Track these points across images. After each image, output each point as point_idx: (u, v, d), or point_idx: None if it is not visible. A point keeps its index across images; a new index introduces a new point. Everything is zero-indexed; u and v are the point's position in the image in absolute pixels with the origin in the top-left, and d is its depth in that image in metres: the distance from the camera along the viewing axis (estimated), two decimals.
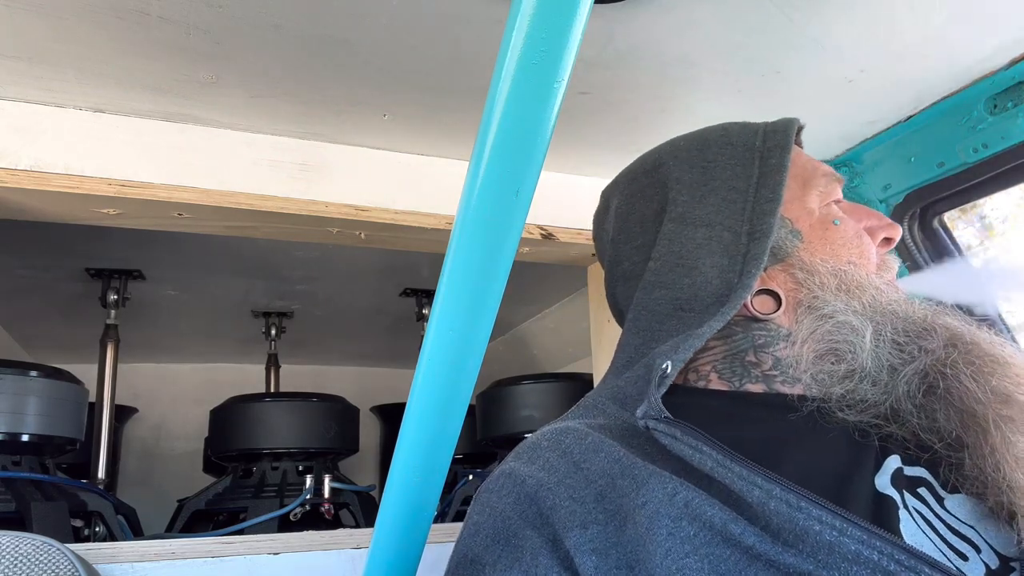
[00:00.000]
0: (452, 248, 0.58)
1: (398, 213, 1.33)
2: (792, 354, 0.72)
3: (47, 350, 2.62)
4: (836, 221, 0.79)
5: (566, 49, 0.51)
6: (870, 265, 0.77)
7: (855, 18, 0.98)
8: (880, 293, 0.73)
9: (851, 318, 0.71)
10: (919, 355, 0.68)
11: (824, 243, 0.78)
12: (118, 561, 1.01)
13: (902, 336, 0.70)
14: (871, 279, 0.75)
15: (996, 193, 1.22)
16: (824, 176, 0.82)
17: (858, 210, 0.81)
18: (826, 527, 0.51)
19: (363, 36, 0.99)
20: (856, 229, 0.79)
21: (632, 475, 0.61)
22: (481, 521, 0.66)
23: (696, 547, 0.54)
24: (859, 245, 0.78)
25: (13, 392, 1.40)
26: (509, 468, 0.69)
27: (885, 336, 0.70)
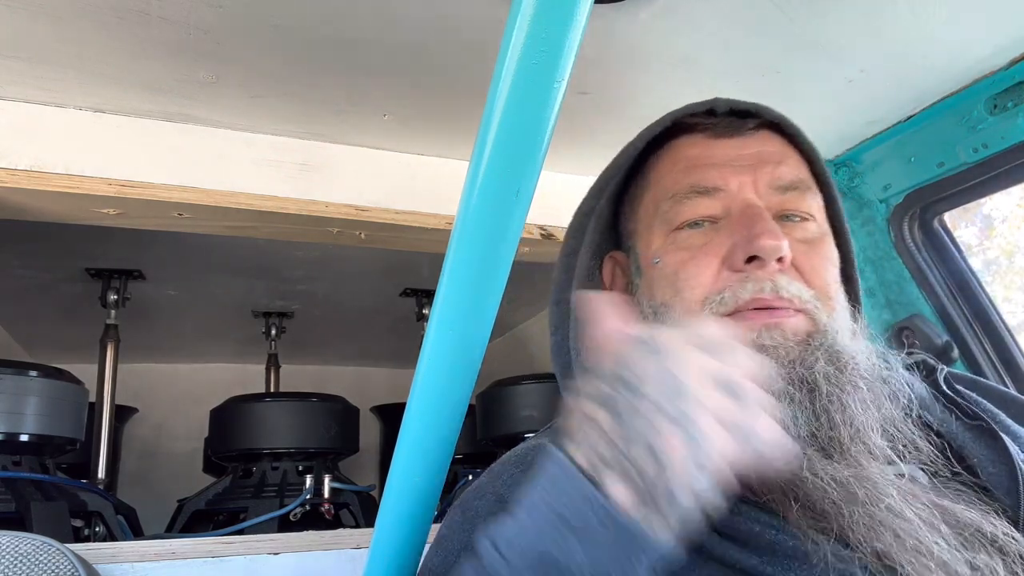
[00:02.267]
0: (452, 248, 0.58)
1: (398, 213, 1.33)
2: None
3: (47, 350, 2.62)
4: (656, 260, 0.73)
5: (566, 49, 0.51)
6: (687, 303, 0.69)
7: (855, 18, 0.98)
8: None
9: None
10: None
11: (647, 282, 0.75)
12: (118, 561, 1.01)
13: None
14: (680, 320, 0.68)
15: (996, 193, 1.22)
16: (671, 197, 0.74)
17: (736, 222, 0.70)
18: (765, 527, 0.56)
19: (363, 36, 0.99)
20: (675, 265, 0.71)
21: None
22: (444, 536, 0.72)
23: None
24: (673, 285, 0.71)
25: (13, 392, 1.40)
26: (476, 484, 0.75)
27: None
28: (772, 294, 0.67)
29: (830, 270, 0.72)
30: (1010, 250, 1.57)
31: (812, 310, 0.68)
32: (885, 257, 1.38)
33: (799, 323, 0.67)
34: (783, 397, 0.62)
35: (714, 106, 0.77)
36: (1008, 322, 1.29)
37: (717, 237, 0.71)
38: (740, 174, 0.73)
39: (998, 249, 1.58)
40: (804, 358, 0.65)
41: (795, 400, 0.62)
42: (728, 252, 0.69)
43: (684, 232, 0.72)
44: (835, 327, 0.68)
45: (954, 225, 1.34)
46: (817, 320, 0.68)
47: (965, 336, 1.29)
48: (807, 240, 0.72)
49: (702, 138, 0.77)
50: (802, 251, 0.70)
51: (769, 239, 0.66)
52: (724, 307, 0.67)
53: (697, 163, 0.74)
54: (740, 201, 0.71)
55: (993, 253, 1.59)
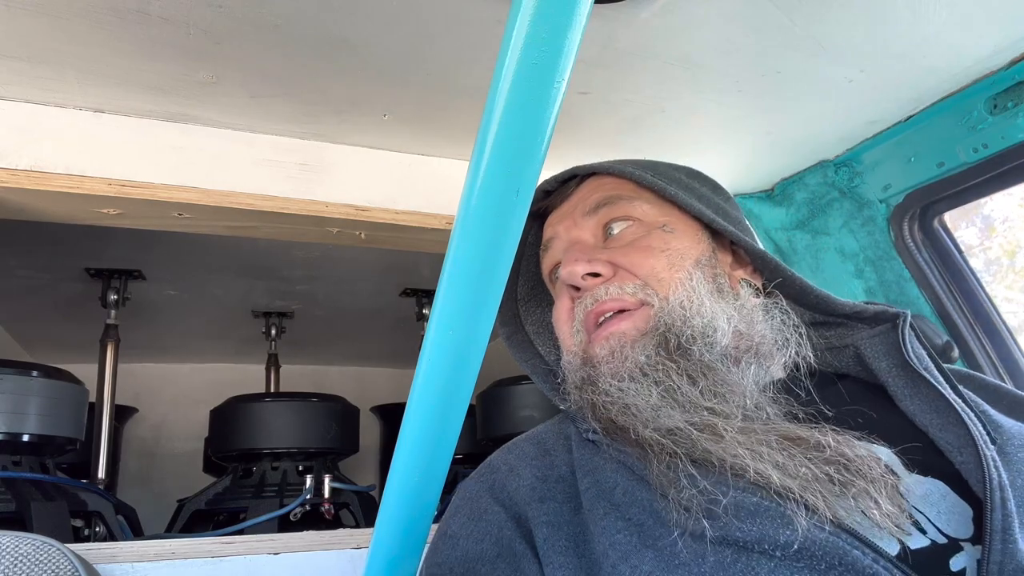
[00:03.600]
0: (452, 248, 0.58)
1: (398, 213, 1.33)
2: None
3: (47, 350, 2.62)
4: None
5: (566, 49, 0.51)
6: (565, 341, 0.82)
7: (855, 18, 0.98)
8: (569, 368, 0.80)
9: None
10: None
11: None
12: (118, 561, 1.01)
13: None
14: (567, 360, 0.81)
15: (996, 193, 1.22)
16: (543, 250, 0.89)
17: (564, 265, 0.82)
18: (732, 492, 0.60)
19: (363, 36, 0.99)
20: (554, 313, 0.85)
21: (583, 465, 0.73)
22: (460, 504, 0.78)
23: (629, 524, 0.63)
24: (559, 329, 0.84)
25: (13, 392, 1.40)
26: (490, 459, 0.83)
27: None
28: (595, 305, 0.78)
29: (655, 258, 0.79)
30: (1011, 250, 1.57)
31: (646, 298, 0.77)
32: (885, 257, 1.38)
33: (637, 319, 0.76)
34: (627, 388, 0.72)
35: (545, 187, 0.90)
36: (1008, 322, 1.29)
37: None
38: (563, 220, 0.87)
39: (999, 249, 1.57)
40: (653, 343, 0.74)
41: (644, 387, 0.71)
42: (562, 282, 0.82)
43: (555, 285, 0.87)
44: (675, 303, 0.76)
45: (954, 225, 1.34)
46: (653, 304, 0.76)
47: (965, 336, 1.29)
48: (629, 242, 0.81)
49: (551, 215, 0.91)
50: (621, 254, 0.80)
51: (568, 266, 0.79)
52: (581, 333, 0.79)
53: (545, 230, 0.90)
54: (566, 242, 0.85)
55: (994, 253, 1.59)
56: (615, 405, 0.72)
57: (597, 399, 0.73)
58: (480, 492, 0.76)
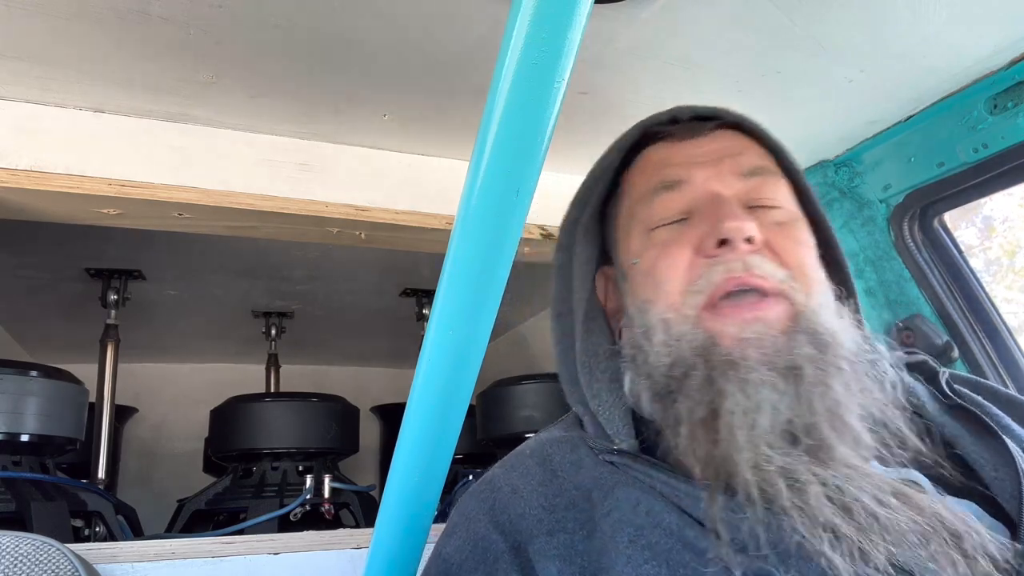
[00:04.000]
0: (452, 248, 0.58)
1: (398, 213, 1.33)
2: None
3: (47, 350, 2.62)
4: (635, 260, 0.75)
5: (566, 49, 0.51)
6: (668, 296, 0.70)
7: (855, 18, 0.98)
8: (669, 329, 0.69)
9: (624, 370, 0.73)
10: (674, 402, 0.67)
11: (631, 286, 0.76)
12: (118, 561, 1.01)
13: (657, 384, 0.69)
14: (663, 316, 0.70)
15: (996, 193, 1.22)
16: (642, 199, 0.76)
17: (704, 212, 0.72)
18: (765, 527, 0.55)
19: (363, 36, 0.99)
20: (651, 260, 0.73)
21: (601, 485, 0.66)
22: (458, 523, 0.72)
23: (656, 553, 0.58)
24: (653, 279, 0.72)
25: (13, 392, 1.40)
26: (491, 475, 0.75)
27: (641, 387, 0.70)
28: (744, 272, 0.67)
29: (804, 251, 0.72)
30: (1011, 250, 1.57)
31: (788, 290, 0.68)
32: (885, 257, 1.38)
33: (779, 311, 0.67)
34: (766, 386, 0.62)
35: (676, 114, 0.81)
36: (1008, 322, 1.29)
37: (688, 230, 0.72)
38: (703, 168, 0.75)
39: (999, 249, 1.57)
40: (790, 346, 0.65)
41: (778, 388, 0.62)
42: (699, 240, 0.70)
43: (659, 231, 0.74)
44: (814, 306, 0.68)
45: (954, 226, 1.34)
46: (795, 300, 0.68)
47: (965, 336, 1.29)
48: (778, 223, 0.73)
49: (666, 143, 0.80)
50: (774, 232, 0.71)
51: (734, 220, 0.68)
52: (701, 296, 0.68)
53: (662, 164, 0.77)
54: (705, 191, 0.73)
55: (994, 253, 1.59)
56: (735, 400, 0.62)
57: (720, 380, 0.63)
58: (479, 514, 0.70)
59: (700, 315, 0.68)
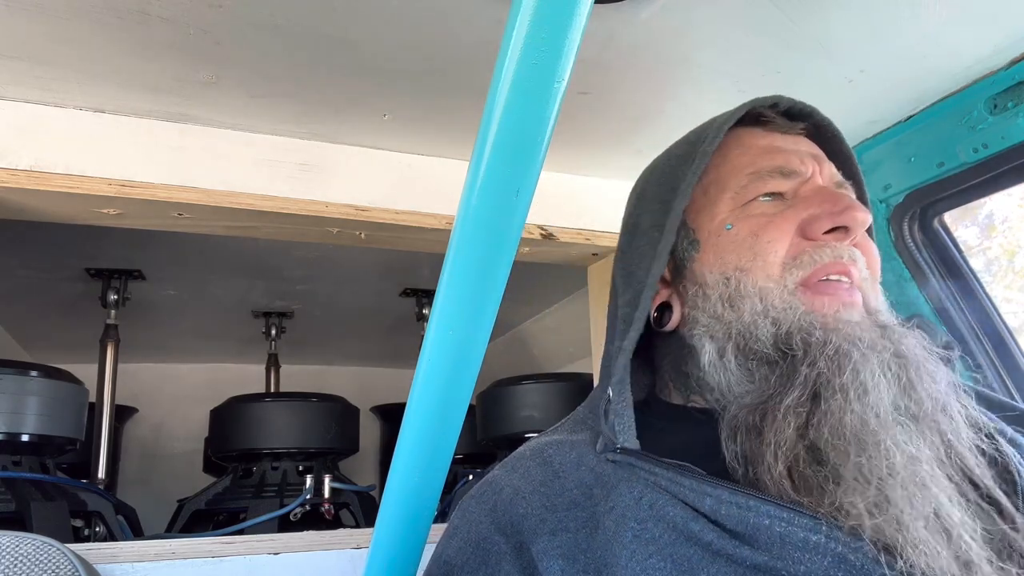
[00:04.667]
0: (452, 248, 0.58)
1: (398, 213, 1.33)
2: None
3: (47, 350, 2.62)
4: (728, 225, 0.74)
5: (566, 49, 0.51)
6: (768, 267, 0.70)
7: (855, 18, 0.98)
8: (766, 298, 0.69)
9: (697, 340, 0.73)
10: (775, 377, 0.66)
11: (715, 251, 0.75)
12: (118, 561, 1.01)
13: (754, 354, 0.69)
14: (760, 284, 0.69)
15: (996, 193, 1.22)
16: (750, 174, 0.75)
17: (811, 199, 0.73)
18: (775, 520, 0.55)
19: (363, 36, 0.99)
20: (751, 228, 0.72)
21: (603, 483, 0.66)
22: (459, 526, 0.72)
23: (660, 547, 0.57)
24: (752, 246, 0.71)
25: (13, 392, 1.40)
26: (491, 476, 0.75)
27: (728, 357, 0.70)
28: (850, 261, 0.69)
29: (877, 260, 0.75)
30: (1011, 250, 1.57)
31: (867, 289, 0.71)
32: (885, 257, 1.38)
33: (861, 303, 0.70)
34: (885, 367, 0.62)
35: (777, 101, 0.80)
36: (1008, 322, 1.29)
37: (791, 209, 0.72)
38: (810, 163, 0.76)
39: (999, 249, 1.57)
40: (888, 334, 0.66)
41: (891, 369, 0.62)
42: (805, 222, 0.71)
43: (756, 203, 0.74)
44: (884, 310, 0.71)
45: (954, 226, 1.34)
46: (869, 301, 0.70)
47: (965, 336, 1.29)
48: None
49: (761, 130, 0.80)
50: (863, 235, 0.73)
51: (859, 212, 0.69)
52: (803, 270, 0.69)
53: (773, 149, 0.77)
54: (812, 183, 0.74)
55: (994, 253, 1.59)
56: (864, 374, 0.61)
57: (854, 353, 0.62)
58: (480, 516, 0.70)
59: (799, 290, 0.69)
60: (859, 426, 0.59)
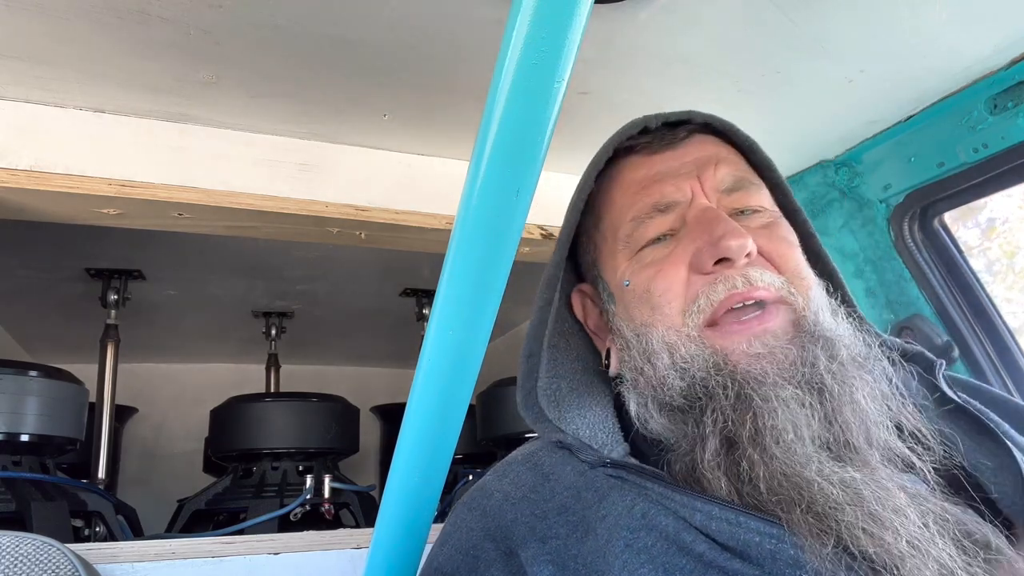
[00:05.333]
0: (452, 248, 0.58)
1: (398, 213, 1.33)
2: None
3: (47, 350, 2.62)
4: (626, 282, 0.73)
5: (566, 49, 0.51)
6: (668, 318, 0.69)
7: (855, 18, 0.98)
8: (674, 350, 0.67)
9: (625, 392, 0.73)
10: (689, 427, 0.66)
11: (624, 306, 0.74)
12: (118, 561, 1.01)
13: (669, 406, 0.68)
14: (665, 338, 0.68)
15: (996, 193, 1.22)
16: (631, 220, 0.73)
17: (694, 230, 0.70)
18: (766, 537, 0.55)
19: (363, 36, 0.99)
20: (645, 283, 0.71)
21: (595, 488, 0.65)
22: (450, 532, 0.72)
23: (652, 556, 0.57)
24: (649, 300, 0.70)
25: (13, 392, 1.40)
26: (482, 482, 0.75)
27: (651, 409, 0.70)
28: (746, 287, 0.66)
29: (794, 252, 0.72)
30: (1011, 251, 1.57)
31: (787, 297, 0.67)
32: (885, 257, 1.38)
33: (782, 319, 0.66)
34: (792, 404, 0.61)
35: (647, 124, 0.78)
36: (1008, 322, 1.29)
37: (679, 247, 0.70)
38: (686, 180, 0.73)
39: (999, 250, 1.58)
40: (803, 357, 0.64)
41: (806, 404, 0.61)
42: (694, 258, 0.69)
43: (647, 250, 0.73)
44: (814, 308, 0.68)
45: (955, 227, 1.34)
46: (795, 306, 0.67)
47: (965, 336, 1.29)
48: (763, 225, 0.72)
49: (641, 158, 0.77)
50: (764, 237, 0.70)
51: (734, 238, 0.66)
52: (702, 314, 0.67)
53: (648, 181, 0.75)
54: (695, 207, 0.72)
55: (994, 253, 1.59)
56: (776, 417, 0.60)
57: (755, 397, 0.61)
58: (471, 523, 0.71)
59: (704, 334, 0.67)
60: (788, 472, 0.58)
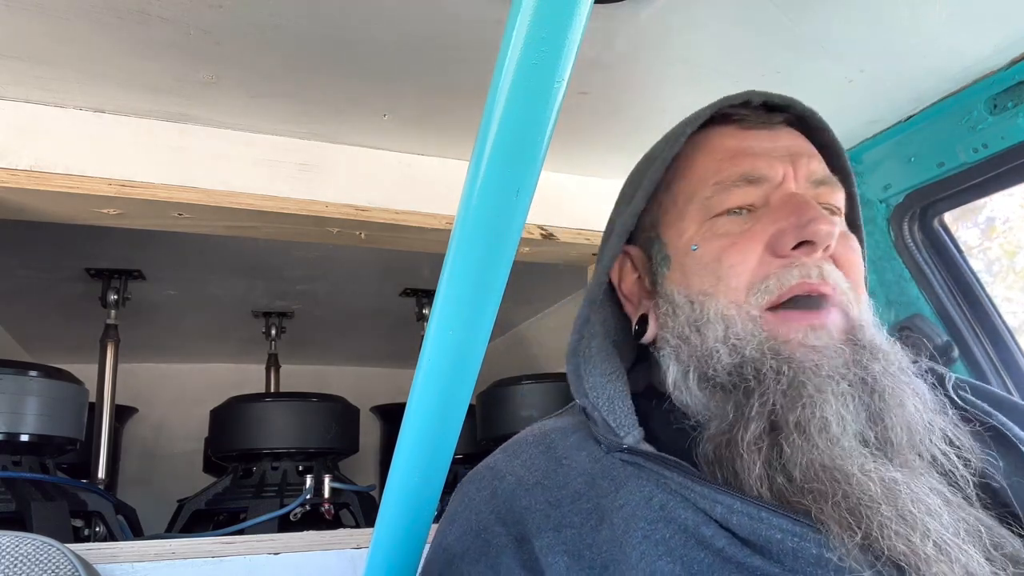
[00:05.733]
0: (452, 248, 0.58)
1: (398, 213, 1.33)
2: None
3: (47, 350, 2.62)
4: (693, 246, 0.71)
5: (566, 49, 0.51)
6: (731, 292, 0.67)
7: (855, 18, 0.98)
8: (729, 325, 0.66)
9: (664, 360, 0.72)
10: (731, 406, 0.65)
11: (682, 271, 0.72)
12: (118, 561, 1.01)
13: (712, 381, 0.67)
14: (723, 311, 0.67)
15: (996, 193, 1.22)
16: (715, 184, 0.71)
17: (779, 210, 0.69)
18: (788, 535, 0.55)
19: (363, 36, 0.99)
20: (716, 251, 0.69)
21: (611, 476, 0.64)
22: (459, 511, 0.71)
23: (670, 549, 0.57)
24: (716, 271, 0.69)
25: (13, 392, 1.40)
26: (492, 461, 0.73)
27: (691, 381, 0.69)
28: (819, 279, 0.65)
29: (860, 262, 0.71)
30: (1011, 250, 1.57)
31: (846, 303, 0.67)
32: (885, 257, 1.38)
33: (839, 321, 0.66)
34: (842, 398, 0.61)
35: (749, 98, 0.75)
36: (1008, 322, 1.29)
37: (758, 224, 0.69)
38: (781, 164, 0.71)
39: (999, 249, 1.58)
40: (857, 358, 0.64)
41: (855, 401, 0.61)
42: (773, 238, 0.67)
43: (723, 219, 0.70)
44: (865, 320, 0.67)
45: (955, 227, 1.34)
46: (850, 314, 0.67)
47: (965, 336, 1.29)
48: (842, 232, 0.70)
49: (734, 129, 0.75)
50: (839, 242, 0.69)
51: (824, 224, 0.65)
52: (769, 295, 0.66)
53: (740, 153, 0.72)
54: (783, 190, 0.70)
55: (994, 253, 1.59)
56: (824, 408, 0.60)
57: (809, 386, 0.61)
58: (480, 503, 0.69)
59: (764, 315, 0.66)
60: (828, 463, 0.58)
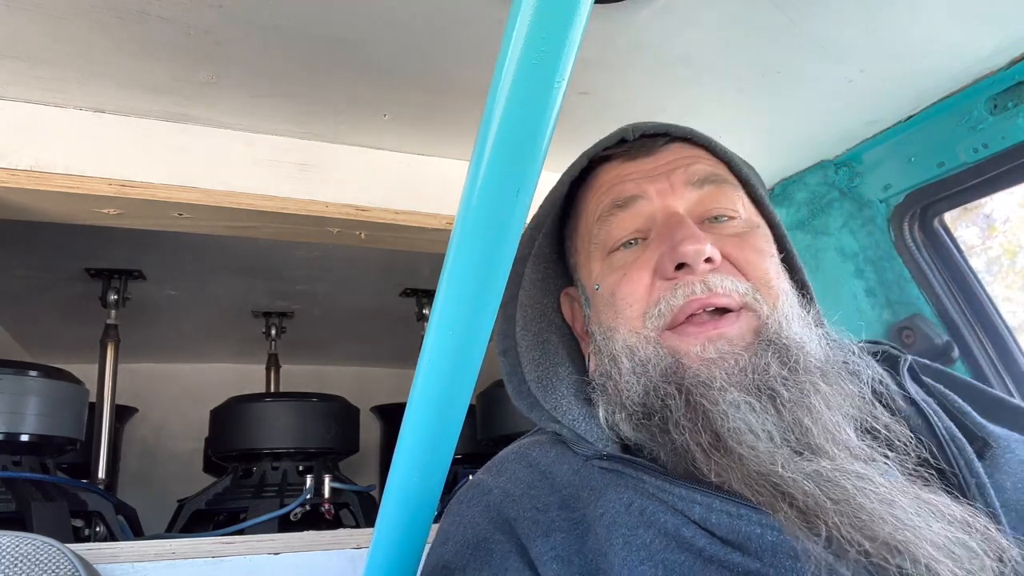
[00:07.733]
0: (452, 248, 0.58)
1: (398, 213, 1.33)
2: None
3: (47, 350, 2.62)
4: (596, 286, 0.74)
5: (566, 49, 0.51)
6: (629, 321, 0.70)
7: (855, 18, 0.98)
8: (634, 353, 0.68)
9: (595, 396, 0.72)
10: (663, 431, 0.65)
11: (595, 310, 0.76)
12: (118, 561, 1.01)
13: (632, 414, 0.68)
14: (627, 341, 0.69)
15: (996, 193, 1.22)
16: (597, 220, 0.75)
17: (660, 233, 0.71)
18: (767, 529, 0.55)
19: (363, 36, 0.99)
20: (611, 286, 0.72)
21: (591, 486, 0.65)
22: (451, 530, 0.71)
23: (651, 553, 0.57)
24: (614, 304, 0.72)
25: (13, 392, 1.40)
26: (477, 480, 0.74)
27: (619, 415, 0.69)
28: (705, 293, 0.67)
29: (765, 260, 0.72)
30: (1012, 250, 1.57)
31: (752, 303, 0.68)
32: (885, 257, 1.38)
33: (743, 326, 0.67)
34: (743, 407, 0.61)
35: (624, 135, 0.80)
36: (1008, 322, 1.29)
37: (646, 252, 0.72)
38: (656, 181, 0.74)
39: (999, 248, 1.58)
40: (755, 364, 0.64)
41: (757, 409, 0.62)
42: (657, 263, 0.70)
43: (619, 253, 0.74)
44: (780, 317, 0.68)
45: (954, 226, 1.34)
46: (760, 313, 0.68)
47: (965, 336, 1.29)
48: (736, 234, 0.72)
49: (617, 163, 0.80)
50: (733, 245, 0.71)
51: (691, 243, 0.67)
52: (662, 319, 0.68)
53: (614, 182, 0.77)
54: (662, 210, 0.73)
55: (994, 252, 1.59)
56: (729, 419, 0.61)
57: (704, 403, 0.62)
58: (474, 517, 0.69)
59: (662, 336, 0.68)
60: (761, 470, 0.58)
